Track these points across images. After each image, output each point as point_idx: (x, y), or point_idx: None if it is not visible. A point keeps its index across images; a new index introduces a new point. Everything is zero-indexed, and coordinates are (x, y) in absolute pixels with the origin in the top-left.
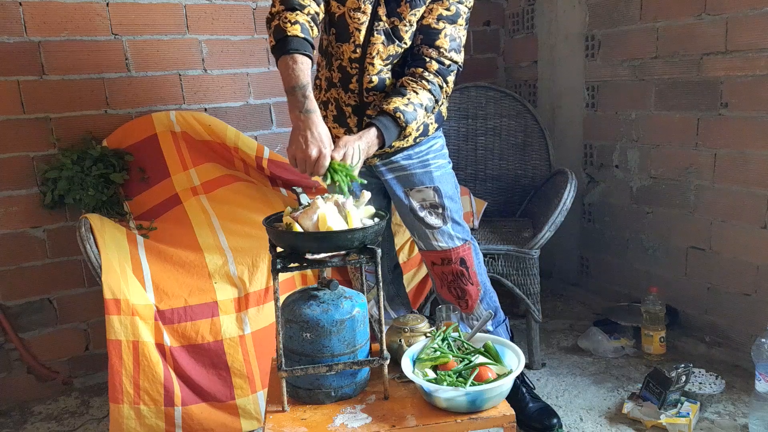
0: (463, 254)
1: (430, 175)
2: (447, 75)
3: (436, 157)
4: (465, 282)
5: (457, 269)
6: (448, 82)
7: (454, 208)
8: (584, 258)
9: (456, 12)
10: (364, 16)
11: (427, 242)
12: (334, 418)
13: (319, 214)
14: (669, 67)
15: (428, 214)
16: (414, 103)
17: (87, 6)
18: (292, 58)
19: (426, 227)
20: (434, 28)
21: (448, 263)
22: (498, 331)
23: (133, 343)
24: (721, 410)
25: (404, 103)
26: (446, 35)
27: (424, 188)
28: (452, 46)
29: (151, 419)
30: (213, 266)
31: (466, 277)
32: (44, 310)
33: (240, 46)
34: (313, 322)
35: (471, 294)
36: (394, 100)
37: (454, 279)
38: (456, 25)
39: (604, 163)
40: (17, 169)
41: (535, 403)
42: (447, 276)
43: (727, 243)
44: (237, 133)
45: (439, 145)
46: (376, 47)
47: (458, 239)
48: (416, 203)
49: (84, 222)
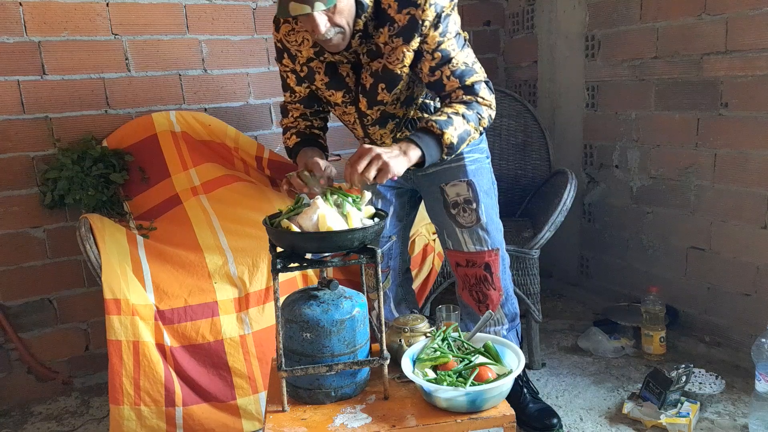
0: (489, 260)
1: (464, 169)
2: (477, 92)
3: (471, 151)
4: (487, 287)
5: (481, 273)
6: (483, 97)
7: (489, 203)
8: (584, 258)
9: (444, 53)
10: (351, 116)
11: (455, 241)
12: (334, 418)
13: (319, 214)
14: (669, 67)
15: (461, 212)
16: (447, 112)
17: (87, 6)
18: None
19: (456, 225)
20: (436, 80)
21: (472, 266)
22: (509, 336)
23: (134, 343)
24: (721, 410)
25: (437, 116)
26: (449, 76)
27: (458, 182)
28: (462, 74)
29: (152, 420)
30: (213, 266)
31: (489, 282)
32: (44, 310)
33: (240, 46)
34: (313, 322)
35: (492, 299)
36: (426, 117)
37: (477, 282)
38: (453, 60)
39: (604, 163)
40: (17, 169)
41: (536, 403)
42: (470, 279)
43: (727, 243)
44: (237, 133)
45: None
46: (376, 132)
47: (487, 244)
48: (450, 199)
49: (84, 222)
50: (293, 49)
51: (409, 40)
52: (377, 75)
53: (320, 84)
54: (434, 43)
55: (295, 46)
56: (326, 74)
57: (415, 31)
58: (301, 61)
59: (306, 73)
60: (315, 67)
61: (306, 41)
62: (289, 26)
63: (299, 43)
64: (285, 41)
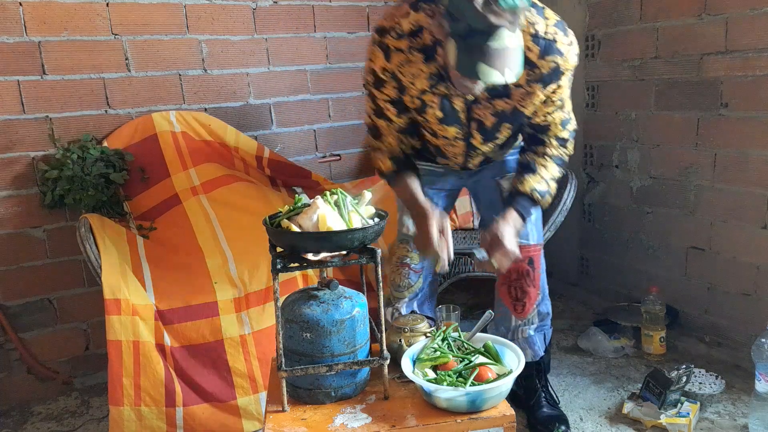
0: (533, 254)
1: (513, 163)
2: (566, 144)
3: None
4: (528, 283)
5: (524, 268)
6: (570, 150)
7: None
8: (584, 258)
9: (562, 101)
10: (458, 149)
11: None
12: (334, 418)
13: (319, 214)
14: (669, 67)
15: None
16: (545, 179)
17: (87, 6)
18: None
19: None
20: (544, 124)
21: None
22: (535, 336)
23: (134, 343)
24: (721, 410)
25: (537, 181)
26: (557, 123)
27: (510, 176)
28: (564, 122)
29: (152, 420)
30: (213, 266)
31: (530, 279)
32: (44, 310)
33: (240, 46)
34: (313, 322)
35: (530, 296)
36: (527, 179)
37: (518, 278)
38: (566, 108)
39: (604, 163)
40: (17, 169)
41: (550, 409)
42: (512, 273)
43: (727, 243)
44: (237, 133)
45: None
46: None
47: (533, 237)
48: (505, 192)
49: (84, 222)
50: (406, 80)
51: (546, 86)
52: (503, 115)
53: (432, 118)
54: (561, 91)
55: (409, 77)
56: (441, 109)
57: (556, 79)
58: (413, 93)
59: (418, 106)
60: (428, 100)
61: (422, 72)
62: (403, 56)
63: (415, 75)
64: (398, 72)
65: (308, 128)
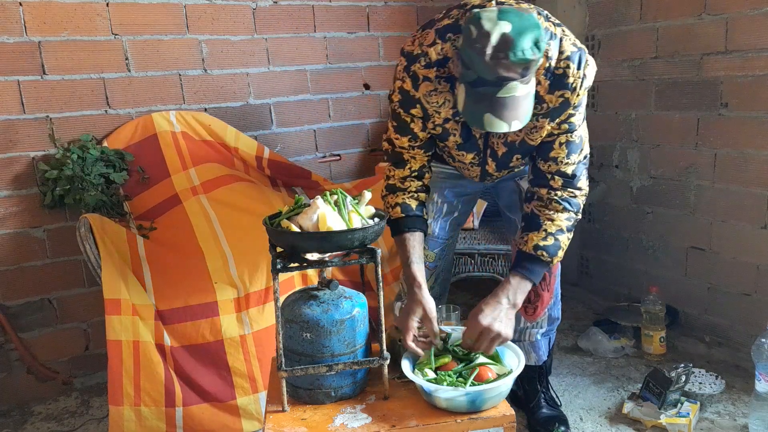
0: None
1: None
2: (575, 183)
3: None
4: (543, 287)
5: None
6: (581, 188)
7: None
8: (584, 258)
9: (571, 126)
10: (474, 172)
11: None
12: (334, 418)
13: (319, 214)
14: (669, 67)
15: None
16: (552, 234)
17: (87, 6)
18: (398, 238)
19: None
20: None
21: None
22: (541, 340)
23: (134, 343)
24: (721, 410)
25: (542, 238)
26: (561, 143)
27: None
28: (571, 150)
29: (152, 420)
30: (213, 266)
31: (545, 282)
32: (44, 310)
33: (240, 46)
34: (313, 322)
35: (543, 300)
36: (531, 237)
37: None
38: (575, 132)
39: (604, 163)
40: (17, 169)
41: (550, 410)
42: None
43: (727, 243)
44: (237, 133)
45: None
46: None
47: None
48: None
49: (84, 222)
50: (431, 110)
51: (555, 119)
52: (513, 146)
53: (452, 144)
54: (569, 119)
55: (435, 107)
56: (461, 136)
57: (564, 113)
58: (437, 121)
59: (440, 133)
60: (451, 128)
61: (448, 102)
62: (431, 86)
63: (440, 104)
64: (424, 101)
65: (308, 128)
